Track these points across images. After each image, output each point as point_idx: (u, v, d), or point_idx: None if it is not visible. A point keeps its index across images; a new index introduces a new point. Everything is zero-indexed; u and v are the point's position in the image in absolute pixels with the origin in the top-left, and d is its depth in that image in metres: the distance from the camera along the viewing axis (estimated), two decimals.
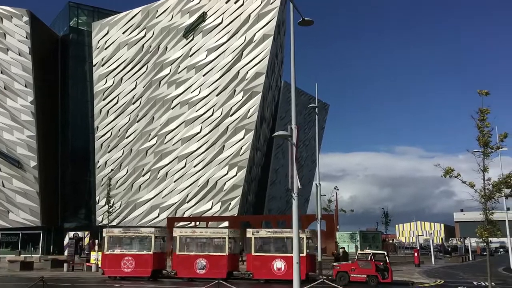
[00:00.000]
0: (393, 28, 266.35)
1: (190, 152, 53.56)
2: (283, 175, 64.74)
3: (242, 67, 52.67)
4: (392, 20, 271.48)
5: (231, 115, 52.46)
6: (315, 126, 37.63)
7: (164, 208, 53.49)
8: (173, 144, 54.66)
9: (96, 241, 39.66)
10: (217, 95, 53.39)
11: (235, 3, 54.32)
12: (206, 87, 53.99)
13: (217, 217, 49.11)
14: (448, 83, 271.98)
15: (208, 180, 52.22)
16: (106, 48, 60.11)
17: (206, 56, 54.53)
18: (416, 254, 42.01)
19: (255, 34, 52.80)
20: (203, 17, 55.34)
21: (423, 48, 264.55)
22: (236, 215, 49.41)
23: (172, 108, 55.40)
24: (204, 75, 54.33)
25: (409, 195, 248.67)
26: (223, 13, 54.67)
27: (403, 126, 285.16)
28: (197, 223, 46.68)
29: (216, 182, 51.85)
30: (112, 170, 56.52)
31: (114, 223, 44.09)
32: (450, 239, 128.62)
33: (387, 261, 24.41)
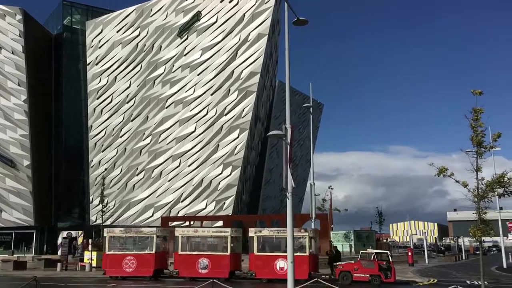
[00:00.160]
0: (388, 28, 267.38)
1: (185, 151, 53.49)
2: (277, 175, 64.82)
3: (237, 67, 52.65)
4: (387, 20, 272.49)
5: (226, 115, 52.44)
6: (309, 126, 37.67)
7: (158, 208, 53.39)
8: (167, 143, 54.57)
9: (90, 240, 39.50)
10: (211, 94, 53.35)
11: (230, 2, 54.28)
12: (200, 86, 53.93)
13: (211, 216, 49.08)
14: (442, 82, 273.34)
15: (202, 180, 52.19)
16: (100, 47, 59.89)
17: (201, 55, 54.46)
18: (409, 253, 42.19)
19: (249, 34, 52.80)
20: (197, 16, 55.26)
21: (418, 48, 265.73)
22: (230, 214, 49.40)
23: (167, 107, 55.30)
24: (198, 74, 54.27)
25: (403, 195, 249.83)
26: (218, 12, 54.62)
27: (397, 126, 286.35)
28: (191, 222, 46.64)
29: (211, 181, 51.82)
30: (106, 169, 56.34)
31: (108, 222, 43.93)
32: (444, 238, 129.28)
33: (390, 260, 24.39)
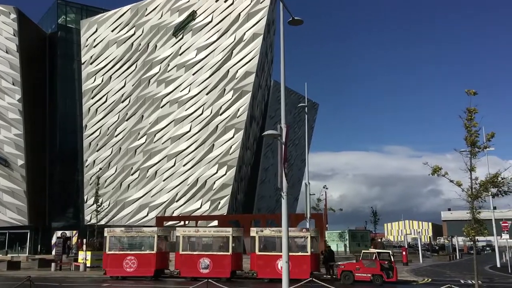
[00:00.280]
0: (383, 28, 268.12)
1: (180, 151, 53.42)
2: (272, 174, 64.87)
3: (232, 66, 52.63)
4: (382, 20, 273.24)
5: (221, 114, 52.42)
6: (304, 125, 37.70)
7: (153, 207, 53.29)
8: (162, 143, 54.47)
9: (84, 240, 39.37)
10: (206, 94, 53.30)
11: (225, 2, 54.24)
12: (195, 86, 53.87)
13: (206, 216, 49.03)
14: (437, 82, 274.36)
15: (197, 179, 52.14)
16: (94, 46, 59.69)
17: (196, 55, 54.40)
18: (404, 253, 42.30)
19: (245, 33, 52.78)
20: (192, 15, 55.18)
21: (413, 48, 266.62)
22: (225, 214, 49.38)
23: (162, 107, 55.20)
24: (193, 74, 54.20)
25: (397, 194, 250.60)
26: (213, 11, 54.57)
27: (392, 126, 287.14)
28: (186, 222, 46.58)
29: (206, 181, 51.78)
30: (101, 169, 56.15)
31: (102, 222, 43.78)
32: (438, 237, 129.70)
33: (392, 260, 24.36)
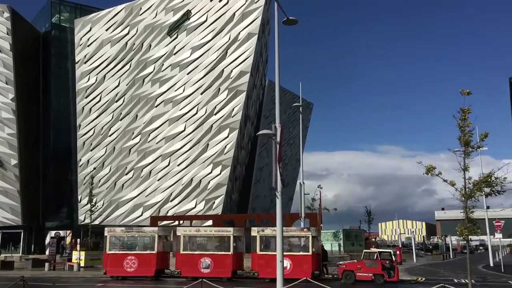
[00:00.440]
0: (378, 27, 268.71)
1: (174, 150, 53.34)
2: (267, 174, 64.91)
3: (227, 66, 52.61)
4: (376, 19, 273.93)
5: (215, 114, 52.38)
6: (299, 125, 37.75)
7: (148, 207, 53.18)
8: (156, 143, 54.37)
9: (78, 240, 39.23)
10: (201, 93, 53.25)
11: (220, 1, 54.20)
12: (190, 86, 53.80)
13: (201, 215, 49.00)
14: (431, 81, 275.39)
15: (192, 179, 52.08)
16: (88, 45, 59.48)
17: (191, 54, 54.33)
18: (398, 252, 42.47)
19: (239, 33, 52.77)
20: (187, 15, 55.11)
21: (407, 47, 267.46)
22: (220, 213, 49.37)
23: (156, 106, 55.09)
24: (188, 73, 54.13)
25: (391, 194, 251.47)
26: (208, 11, 54.52)
27: (386, 125, 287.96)
28: (180, 222, 46.50)
29: (200, 180, 51.74)
30: (95, 169, 55.95)
31: (96, 222, 43.62)
32: (432, 237, 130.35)
33: (393, 259, 24.38)
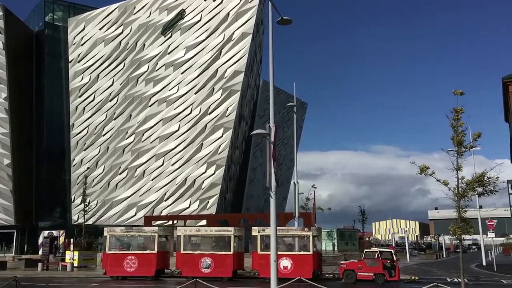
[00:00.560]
0: (372, 26, 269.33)
1: (168, 150, 53.25)
2: (261, 174, 64.90)
3: (221, 65, 52.58)
4: (370, 19, 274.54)
5: (210, 113, 52.34)
6: (293, 125, 37.83)
7: (141, 207, 53.06)
8: (150, 142, 54.26)
9: (72, 240, 39.07)
10: (195, 93, 53.19)
11: (214, 1, 54.14)
12: (184, 85, 53.73)
13: (195, 215, 48.93)
14: (425, 81, 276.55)
15: (186, 179, 52.02)
16: (82, 44, 59.25)
17: (185, 54, 54.25)
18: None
19: (234, 32, 52.75)
20: (181, 14, 55.02)
21: (400, 47, 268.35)
22: (214, 213, 49.34)
23: (150, 106, 54.97)
24: (182, 73, 54.05)
25: (385, 194, 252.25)
26: (202, 10, 54.46)
27: (381, 125, 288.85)
28: (174, 221, 46.42)
29: (194, 180, 51.68)
30: (88, 168, 55.75)
31: (90, 222, 43.48)
32: (425, 236, 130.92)
33: (394, 259, 24.43)
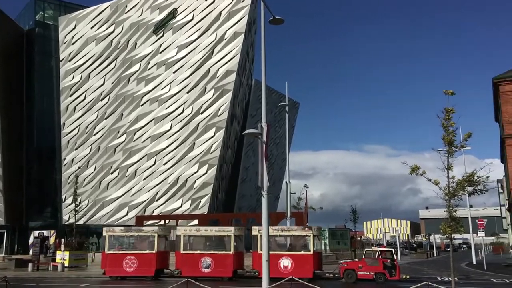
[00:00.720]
0: (363, 26, 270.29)
1: (160, 149, 53.10)
2: (253, 173, 64.93)
3: (213, 65, 52.52)
4: (362, 18, 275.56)
5: (202, 113, 52.27)
6: (285, 125, 37.90)
7: (133, 207, 52.86)
8: (142, 142, 54.07)
9: (62, 240, 38.84)
10: (187, 92, 53.09)
11: (206, 0, 54.10)
12: (176, 84, 53.61)
13: (187, 215, 48.83)
14: (417, 81, 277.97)
15: (178, 178, 51.90)
16: (73, 43, 58.89)
17: (177, 53, 54.12)
18: None
19: (226, 32, 52.72)
20: (173, 13, 54.88)
21: (393, 46, 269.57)
22: (206, 213, 49.28)
23: (142, 105, 54.78)
24: (174, 72, 53.92)
25: (377, 193, 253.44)
26: (194, 9, 54.37)
27: (372, 125, 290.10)
28: (166, 221, 46.30)
29: (186, 180, 51.58)
30: (79, 168, 55.51)
31: (81, 221, 43.28)
32: (416, 235, 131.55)
33: (395, 258, 24.48)
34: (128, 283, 25.00)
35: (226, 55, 52.21)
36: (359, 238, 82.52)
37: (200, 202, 50.69)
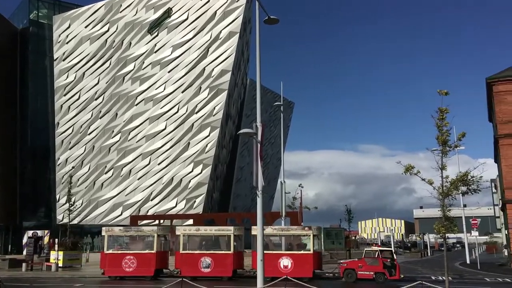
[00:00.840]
0: (358, 27, 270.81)
1: (155, 149, 53.00)
2: (248, 173, 64.94)
3: (208, 64, 52.49)
4: (356, 19, 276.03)
5: (197, 112, 52.23)
6: (280, 124, 37.90)
7: (128, 206, 52.75)
8: (137, 141, 53.95)
9: (56, 240, 38.66)
10: (182, 92, 53.03)
11: None
12: (171, 84, 53.53)
13: (181, 215, 48.77)
14: (411, 80, 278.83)
15: (172, 178, 51.82)
16: (67, 42, 58.68)
17: (172, 53, 54.05)
18: None
19: (221, 31, 52.70)
20: (168, 13, 54.80)
21: (388, 46, 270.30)
22: (201, 212, 49.25)
23: (136, 105, 54.66)
24: (169, 72, 53.84)
25: (371, 193, 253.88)
26: (189, 9, 54.32)
27: (367, 125, 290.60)
28: (161, 221, 46.26)
29: (181, 179, 51.52)
30: (73, 168, 55.29)
31: (75, 221, 43.11)
32: (410, 235, 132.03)
33: (394, 258, 24.48)
34: (126, 283, 24.89)
35: (221, 54, 52.19)
36: (353, 238, 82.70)
37: (194, 202, 50.65)
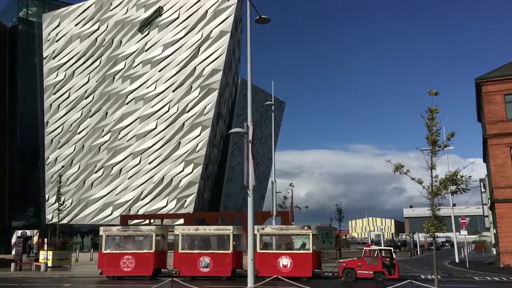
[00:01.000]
0: (349, 27, 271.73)
1: (145, 148, 52.81)
2: (239, 172, 64.86)
3: (199, 63, 52.40)
4: (348, 19, 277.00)
5: (188, 112, 52.12)
6: (271, 124, 37.92)
7: (118, 206, 52.51)
8: (127, 140, 53.72)
9: (46, 239, 38.37)
10: (173, 91, 52.88)
11: None
12: (162, 83, 53.36)
13: (172, 214, 48.61)
14: (403, 80, 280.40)
15: (163, 177, 51.68)
16: (57, 41, 58.25)
17: (162, 51, 53.87)
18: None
19: (212, 31, 52.63)
20: (159, 11, 54.62)
21: (379, 46, 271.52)
22: (191, 212, 49.15)
23: (127, 104, 54.42)
24: (160, 71, 53.66)
25: (362, 192, 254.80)
26: (180, 8, 54.17)
27: (358, 125, 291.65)
28: (151, 220, 46.05)
29: (172, 179, 51.38)
30: (63, 167, 54.87)
31: (64, 221, 42.69)
32: (400, 234, 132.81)
33: (394, 257, 24.52)
34: (124, 282, 24.74)
35: (212, 53, 52.13)
36: (344, 237, 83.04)
37: (185, 201, 50.55)
